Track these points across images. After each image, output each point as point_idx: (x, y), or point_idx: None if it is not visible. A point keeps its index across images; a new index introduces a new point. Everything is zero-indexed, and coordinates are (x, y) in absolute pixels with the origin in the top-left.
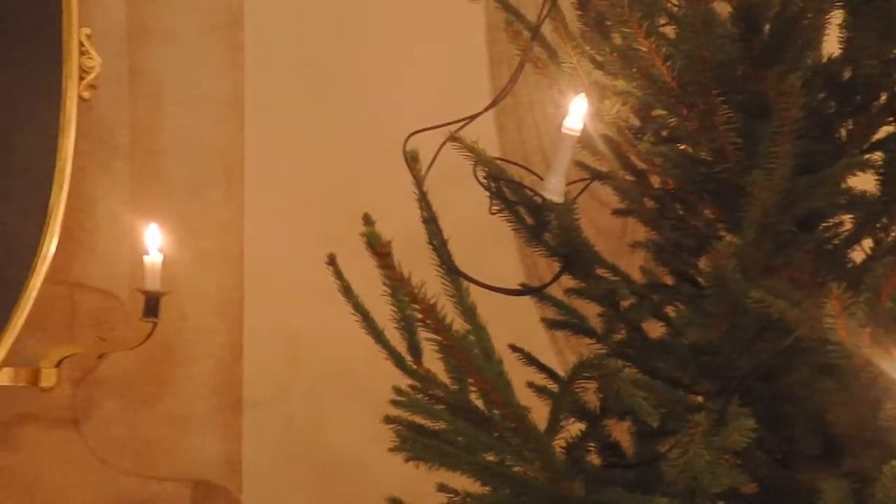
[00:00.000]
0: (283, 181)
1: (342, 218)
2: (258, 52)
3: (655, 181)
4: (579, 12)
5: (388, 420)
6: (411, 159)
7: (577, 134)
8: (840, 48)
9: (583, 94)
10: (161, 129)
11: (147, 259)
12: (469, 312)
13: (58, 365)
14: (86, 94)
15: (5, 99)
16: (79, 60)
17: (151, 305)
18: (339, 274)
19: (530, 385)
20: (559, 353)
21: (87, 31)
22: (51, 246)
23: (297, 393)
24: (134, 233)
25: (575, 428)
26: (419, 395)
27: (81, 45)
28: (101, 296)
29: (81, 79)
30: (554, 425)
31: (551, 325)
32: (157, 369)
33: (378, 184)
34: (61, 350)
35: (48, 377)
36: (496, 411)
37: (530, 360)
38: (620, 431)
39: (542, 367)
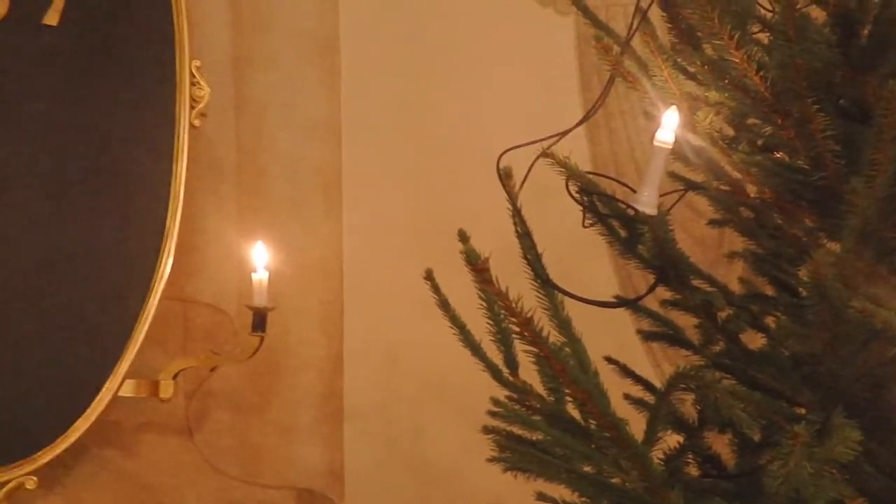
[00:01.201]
0: (379, 198)
1: (438, 233)
2: (354, 75)
3: (752, 190)
4: (669, 25)
5: (486, 430)
6: (505, 176)
7: (670, 146)
8: None
9: (674, 107)
10: (264, 152)
11: (255, 276)
12: (564, 325)
13: (175, 377)
14: (196, 122)
15: (126, 130)
16: (190, 91)
17: (259, 321)
18: (436, 288)
19: (627, 397)
20: (656, 365)
21: (197, 63)
22: (167, 265)
23: (396, 404)
24: (240, 251)
25: (672, 440)
26: (516, 407)
27: (192, 76)
28: (211, 311)
29: (192, 108)
30: (651, 436)
31: (647, 336)
32: (262, 381)
33: (472, 199)
34: (178, 363)
35: (166, 389)
36: (593, 422)
37: (626, 371)
38: (721, 444)
39: (639, 379)
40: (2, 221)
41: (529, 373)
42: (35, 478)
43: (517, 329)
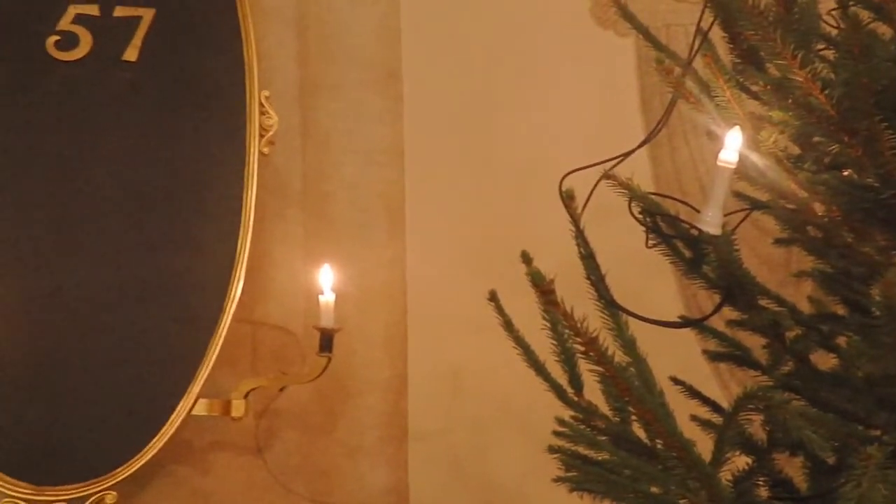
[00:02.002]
0: (442, 221)
1: (500, 255)
2: (416, 101)
3: (819, 209)
4: (730, 45)
5: (552, 450)
6: (567, 198)
7: (733, 166)
8: None
9: (737, 127)
10: (329, 177)
11: (322, 299)
12: (629, 345)
13: (245, 397)
14: (265, 150)
15: (200, 159)
16: (259, 120)
17: (326, 341)
18: (500, 309)
19: (694, 418)
20: (724, 386)
21: (266, 93)
22: (238, 288)
23: (460, 424)
24: (307, 274)
25: (741, 462)
26: (582, 427)
27: (261, 105)
28: (279, 333)
29: (261, 136)
30: (719, 457)
31: (713, 357)
32: (329, 401)
33: (535, 221)
34: (248, 383)
35: (238, 408)
36: (659, 442)
37: (692, 392)
38: (793, 468)
39: (705, 400)
40: (84, 248)
41: (592, 394)
42: (114, 492)
43: (582, 349)
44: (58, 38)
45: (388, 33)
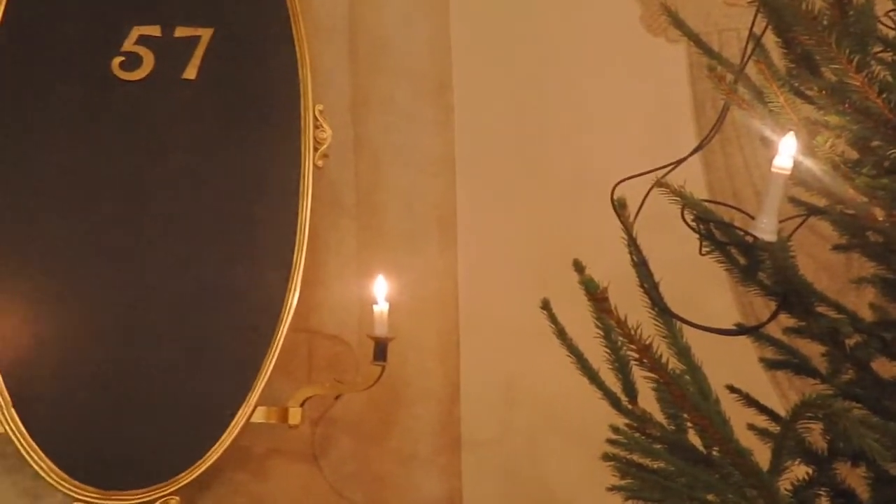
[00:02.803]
0: (494, 230)
1: (552, 263)
2: (467, 112)
3: (879, 214)
4: (784, 50)
5: (606, 458)
6: (619, 207)
7: (788, 172)
8: None
9: (792, 133)
10: (381, 188)
11: (376, 308)
12: (683, 352)
13: (302, 405)
14: (319, 163)
15: (256, 172)
16: (313, 134)
17: (380, 350)
18: (553, 317)
19: (751, 427)
20: (783, 395)
21: (319, 107)
22: (294, 298)
23: (513, 433)
24: (360, 284)
25: (801, 471)
26: (636, 435)
27: (316, 119)
28: (334, 342)
29: (316, 149)
30: (777, 466)
31: (771, 365)
32: (383, 410)
33: (587, 230)
34: (304, 391)
35: (295, 416)
36: (715, 449)
37: (749, 400)
38: (855, 479)
39: (762, 408)
40: (147, 261)
41: (647, 402)
42: (177, 497)
43: (636, 356)
44: (122, 58)
45: (438, 45)
